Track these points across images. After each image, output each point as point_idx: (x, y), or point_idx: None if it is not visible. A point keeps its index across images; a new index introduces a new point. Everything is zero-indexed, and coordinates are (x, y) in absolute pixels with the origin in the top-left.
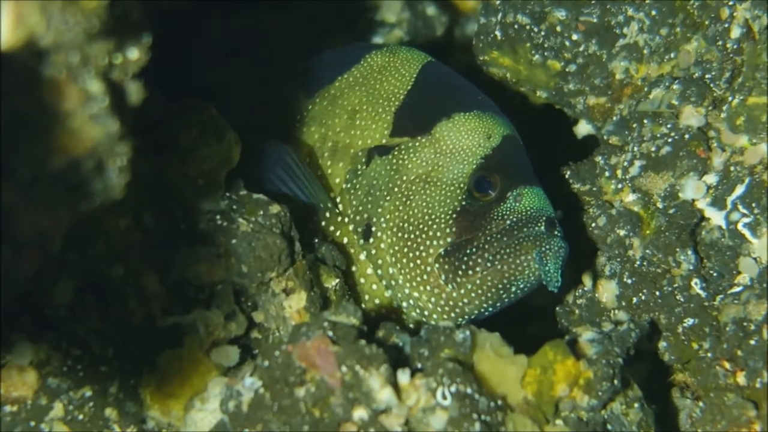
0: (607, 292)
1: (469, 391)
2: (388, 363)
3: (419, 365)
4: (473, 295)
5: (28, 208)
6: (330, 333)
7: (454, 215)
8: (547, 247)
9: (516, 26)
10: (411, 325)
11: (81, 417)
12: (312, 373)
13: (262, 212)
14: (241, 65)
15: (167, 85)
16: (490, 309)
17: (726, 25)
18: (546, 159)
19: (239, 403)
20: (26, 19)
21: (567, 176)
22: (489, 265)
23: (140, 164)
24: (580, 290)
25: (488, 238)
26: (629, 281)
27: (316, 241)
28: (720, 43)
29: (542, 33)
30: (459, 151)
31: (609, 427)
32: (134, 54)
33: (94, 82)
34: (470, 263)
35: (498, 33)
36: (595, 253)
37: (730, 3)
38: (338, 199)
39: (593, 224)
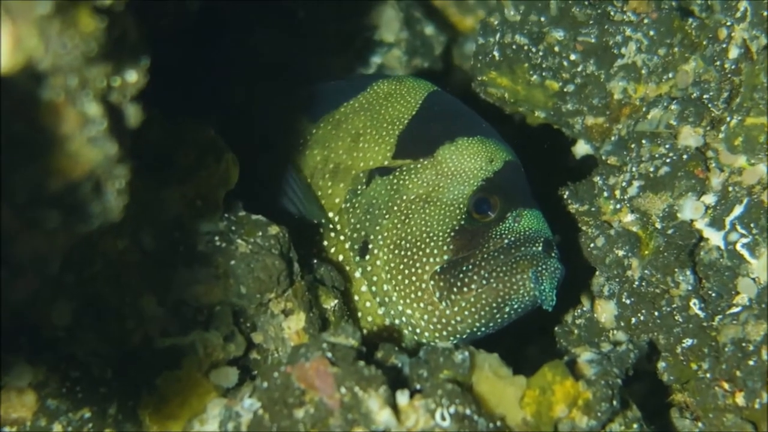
0: (606, 312)
1: (468, 412)
2: (387, 384)
3: (418, 386)
4: (467, 313)
5: (25, 231)
6: (329, 354)
7: (452, 233)
8: (544, 267)
9: (514, 46)
10: (404, 344)
11: None
12: (311, 395)
13: (260, 233)
14: (242, 85)
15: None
16: (483, 329)
17: (724, 46)
18: (544, 179)
19: (238, 424)
20: (24, 43)
21: (565, 197)
22: (484, 282)
23: (138, 185)
24: (578, 310)
25: (485, 256)
26: (628, 301)
27: (315, 262)
28: (718, 63)
29: (540, 53)
30: (460, 173)
31: None
32: (133, 77)
33: (92, 105)
34: (466, 280)
35: (496, 53)
36: (594, 273)
37: (728, 23)
38: (336, 218)
39: (592, 244)
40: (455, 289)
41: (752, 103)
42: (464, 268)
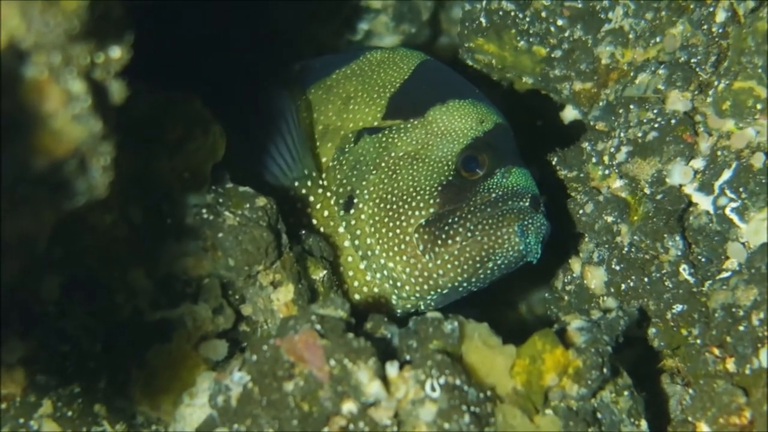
0: (596, 278)
1: (458, 382)
2: (377, 356)
3: (408, 357)
4: (449, 266)
5: (11, 210)
6: (318, 326)
7: (439, 187)
8: (530, 221)
9: (501, 12)
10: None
11: (70, 413)
12: (300, 367)
13: (248, 205)
14: (228, 55)
15: (159, 74)
16: (465, 284)
17: (711, 9)
18: (533, 145)
19: (228, 398)
20: (6, 22)
21: (554, 163)
22: (469, 235)
23: (126, 159)
24: (568, 276)
25: (471, 209)
26: (617, 268)
27: (303, 233)
28: (705, 27)
29: (527, 19)
30: (450, 132)
31: (599, 415)
32: (116, 53)
33: (76, 82)
34: (450, 232)
35: (483, 19)
36: (583, 239)
37: None
38: (323, 176)
39: (581, 211)
40: (439, 242)
41: (740, 67)
42: (449, 221)
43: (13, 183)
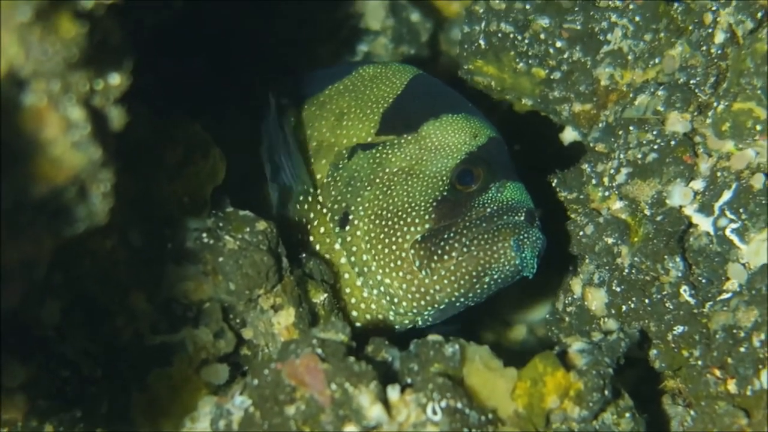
0: (597, 300)
1: (459, 405)
2: (378, 379)
3: (409, 380)
4: (446, 282)
5: (11, 237)
6: (319, 350)
7: (435, 203)
8: (525, 235)
9: (500, 35)
10: (382, 317)
11: None
12: (302, 391)
13: (248, 229)
14: (224, 72)
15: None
16: (462, 299)
17: (710, 30)
18: (532, 167)
19: (229, 422)
20: (5, 51)
21: (554, 184)
22: (465, 250)
23: (125, 183)
24: (569, 298)
25: (467, 224)
26: (618, 289)
27: (304, 256)
28: (704, 48)
29: (526, 41)
30: (444, 147)
31: None
32: (115, 79)
33: (75, 110)
34: (446, 248)
35: (482, 42)
36: (584, 261)
37: (714, 8)
38: (318, 192)
39: (581, 232)
40: (435, 257)
41: (739, 88)
42: (445, 236)
43: (13, 210)
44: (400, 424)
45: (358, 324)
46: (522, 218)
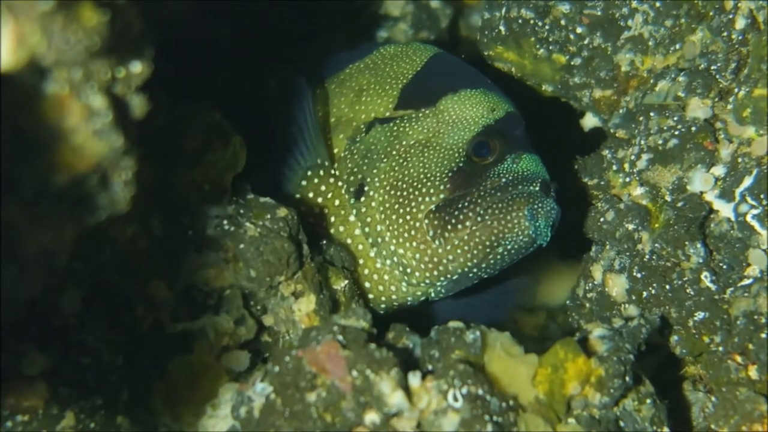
0: (617, 286)
1: (480, 392)
2: (399, 366)
3: (430, 367)
4: (459, 251)
5: (32, 226)
6: (340, 337)
7: (450, 174)
8: (540, 205)
9: (520, 21)
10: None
11: (92, 425)
12: (323, 378)
13: (269, 216)
14: (244, 59)
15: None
16: (476, 270)
17: (731, 16)
18: (553, 153)
19: (250, 408)
20: (27, 40)
21: (575, 170)
22: (479, 219)
23: (146, 170)
24: (590, 284)
25: (482, 194)
26: (639, 275)
27: (324, 242)
28: (725, 34)
29: (546, 27)
30: (462, 120)
31: (621, 424)
32: (137, 68)
33: (97, 98)
34: (460, 217)
35: (502, 28)
36: (604, 247)
37: None
38: (336, 165)
39: (601, 219)
40: (449, 227)
41: (760, 74)
42: (459, 206)
43: (35, 199)
44: (421, 411)
45: (371, 295)
46: (537, 188)
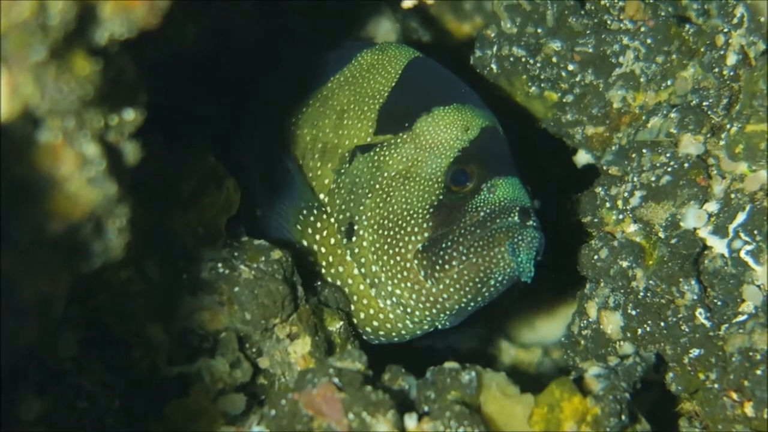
0: (612, 323)
1: None
2: (395, 408)
3: (426, 408)
4: (452, 289)
5: (28, 274)
6: (336, 380)
7: (431, 210)
8: (520, 237)
9: (512, 59)
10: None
11: None
12: (319, 421)
13: (263, 258)
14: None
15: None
16: (472, 303)
17: (722, 52)
18: (546, 190)
19: None
20: (21, 91)
21: (568, 208)
22: (464, 258)
23: (141, 215)
24: (584, 321)
25: (462, 231)
26: (634, 312)
27: (319, 284)
28: (716, 70)
29: (538, 65)
30: (437, 146)
31: None
32: (130, 115)
33: (90, 146)
34: (446, 257)
35: (494, 66)
36: (599, 284)
37: (725, 30)
38: (326, 200)
39: (595, 256)
40: (437, 267)
41: (752, 110)
42: (444, 245)
43: (30, 247)
44: None
45: (381, 333)
46: (516, 218)
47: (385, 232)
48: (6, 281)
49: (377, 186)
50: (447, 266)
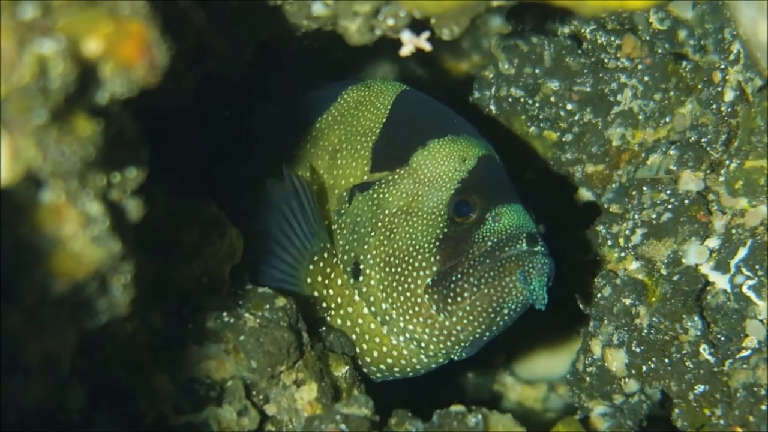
0: (617, 360)
1: None
2: None
3: None
4: (466, 321)
5: (34, 333)
6: (343, 426)
7: (437, 243)
8: (530, 265)
9: (510, 99)
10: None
11: None
12: None
13: (268, 306)
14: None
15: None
16: (487, 333)
17: (719, 89)
18: (548, 228)
19: None
20: (23, 154)
21: (570, 246)
22: (476, 290)
23: (144, 266)
24: (589, 359)
25: (472, 263)
26: (638, 350)
27: (324, 329)
28: (714, 106)
29: (537, 105)
30: (436, 179)
31: None
32: (132, 173)
33: (93, 205)
34: (457, 290)
35: (493, 107)
36: (602, 322)
37: (722, 66)
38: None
39: (599, 294)
40: (449, 300)
41: (750, 146)
42: (454, 278)
43: (35, 306)
44: None
45: (395, 369)
46: (524, 246)
47: (393, 269)
48: (12, 340)
49: (379, 224)
50: (459, 298)
